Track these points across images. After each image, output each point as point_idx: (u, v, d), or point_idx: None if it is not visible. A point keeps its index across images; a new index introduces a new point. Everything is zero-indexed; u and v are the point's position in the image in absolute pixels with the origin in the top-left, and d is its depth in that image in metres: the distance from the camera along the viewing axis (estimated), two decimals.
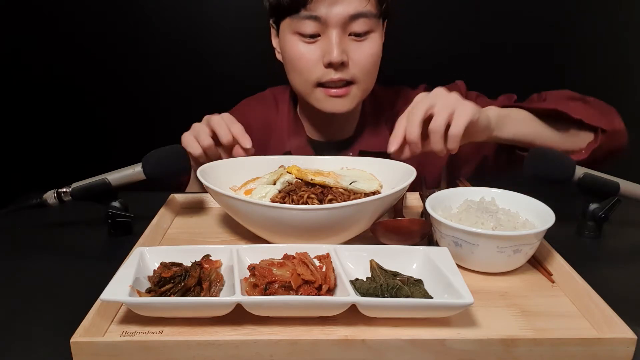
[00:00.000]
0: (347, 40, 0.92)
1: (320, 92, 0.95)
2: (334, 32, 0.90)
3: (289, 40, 0.94)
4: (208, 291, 0.59)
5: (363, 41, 0.93)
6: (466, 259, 0.67)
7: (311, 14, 0.89)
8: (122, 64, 1.49)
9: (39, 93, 1.50)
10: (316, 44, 0.92)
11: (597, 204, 0.81)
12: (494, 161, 1.04)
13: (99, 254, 0.80)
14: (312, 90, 0.96)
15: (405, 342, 0.52)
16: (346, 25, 0.90)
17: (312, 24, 0.90)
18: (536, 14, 1.44)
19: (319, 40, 0.92)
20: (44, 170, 1.45)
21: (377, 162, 0.85)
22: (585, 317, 0.59)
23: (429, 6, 1.43)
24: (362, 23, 0.91)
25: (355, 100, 0.98)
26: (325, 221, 0.68)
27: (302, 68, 0.94)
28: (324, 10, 0.88)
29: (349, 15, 0.89)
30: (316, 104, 0.97)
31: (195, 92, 1.51)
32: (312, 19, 0.90)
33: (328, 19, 0.89)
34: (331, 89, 0.94)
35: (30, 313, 0.62)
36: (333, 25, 0.89)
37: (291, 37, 0.93)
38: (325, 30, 0.91)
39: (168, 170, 0.82)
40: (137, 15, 1.45)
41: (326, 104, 0.96)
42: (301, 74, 0.95)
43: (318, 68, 0.93)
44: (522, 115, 0.89)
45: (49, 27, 1.44)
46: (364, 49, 0.93)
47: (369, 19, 0.91)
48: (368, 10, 0.90)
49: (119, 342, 0.52)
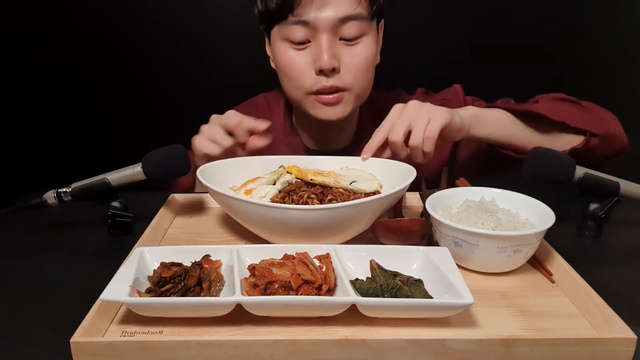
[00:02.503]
0: (338, 45, 0.90)
1: (313, 100, 0.94)
2: (323, 36, 0.88)
3: (279, 48, 0.92)
4: (208, 291, 0.59)
5: (355, 45, 0.91)
6: (466, 259, 0.67)
7: (299, 19, 0.88)
8: (123, 64, 1.49)
9: (39, 93, 1.50)
10: (306, 51, 0.91)
11: (597, 204, 0.81)
12: (488, 163, 1.04)
13: (99, 254, 0.80)
14: (305, 97, 0.94)
15: (405, 342, 0.52)
16: (336, 29, 0.89)
17: (301, 29, 0.88)
18: (535, 17, 1.45)
19: (309, 46, 0.90)
20: (44, 170, 1.45)
21: (377, 162, 0.85)
22: (585, 317, 0.59)
23: (429, 8, 1.43)
24: (353, 26, 0.89)
25: (350, 107, 0.96)
26: (325, 221, 0.68)
27: (294, 75, 0.92)
28: (312, 15, 0.87)
29: (338, 18, 0.87)
30: (310, 111, 0.96)
31: (196, 92, 1.51)
32: (300, 24, 0.88)
33: (317, 24, 0.87)
34: (323, 96, 0.92)
35: (30, 313, 0.62)
36: (322, 30, 0.88)
37: (281, 44, 0.92)
38: (315, 35, 0.89)
39: (168, 170, 0.82)
40: (137, 15, 1.45)
41: (320, 111, 0.94)
42: (293, 82, 0.94)
43: (309, 75, 0.91)
44: (500, 115, 0.91)
45: (49, 27, 1.45)
46: (355, 53, 0.91)
47: (360, 22, 0.89)
48: (358, 12, 0.89)
49: (118, 342, 0.52)
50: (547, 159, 0.79)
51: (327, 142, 1.07)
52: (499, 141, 0.92)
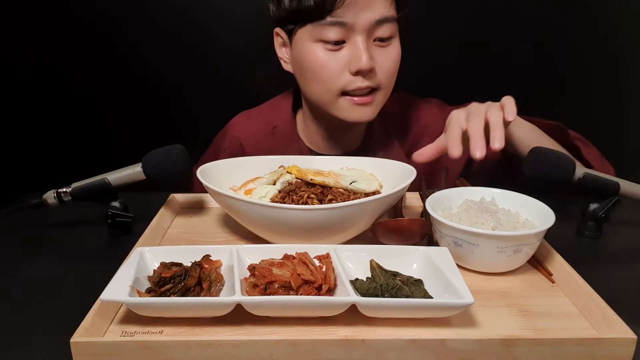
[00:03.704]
0: (372, 46, 0.90)
1: (344, 101, 0.92)
2: (360, 38, 0.87)
3: (309, 48, 0.90)
4: (208, 291, 0.59)
5: (387, 46, 0.91)
6: (466, 259, 0.67)
7: (337, 20, 0.86)
8: (123, 64, 1.49)
9: (39, 93, 1.50)
10: (341, 51, 0.89)
11: (597, 204, 0.81)
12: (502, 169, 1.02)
13: (99, 254, 0.80)
14: (335, 99, 0.92)
15: (405, 342, 0.52)
16: (371, 31, 0.88)
17: (338, 30, 0.87)
18: (535, 18, 1.44)
19: (344, 47, 0.89)
20: (44, 170, 1.45)
21: (377, 162, 0.85)
22: (585, 317, 0.59)
23: (429, 10, 1.43)
24: (387, 28, 0.89)
25: (379, 108, 0.95)
26: (325, 221, 0.68)
27: (326, 77, 0.90)
28: (351, 16, 0.86)
29: (374, 20, 0.87)
30: (339, 113, 0.94)
31: (196, 92, 1.51)
32: (338, 25, 0.86)
33: (355, 25, 0.86)
34: (355, 97, 0.91)
35: (30, 313, 0.62)
36: (359, 32, 0.87)
37: (312, 45, 0.89)
38: (350, 36, 0.88)
39: (168, 170, 0.81)
40: (138, 14, 1.45)
41: (350, 113, 0.93)
42: (324, 83, 0.91)
43: (343, 76, 0.90)
44: (529, 125, 0.92)
45: (49, 27, 1.44)
46: (388, 54, 0.91)
47: (392, 24, 0.90)
48: (391, 14, 0.89)
49: (118, 342, 0.52)
50: (547, 159, 0.79)
51: (335, 146, 1.05)
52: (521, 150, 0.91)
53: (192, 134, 0.89)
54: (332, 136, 1.05)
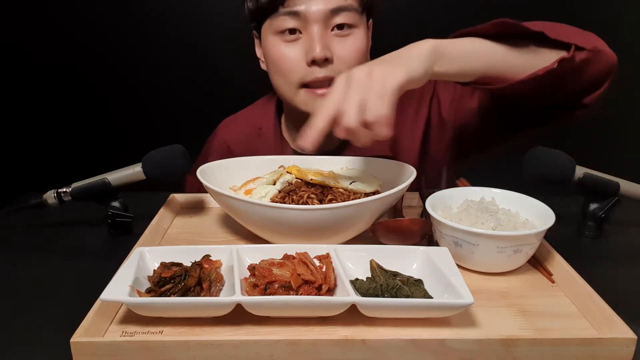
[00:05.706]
0: (330, 36, 0.90)
1: (305, 94, 0.92)
2: (315, 27, 0.88)
3: (270, 43, 0.92)
4: (208, 291, 0.59)
5: (347, 36, 0.91)
6: (466, 259, 0.67)
7: (290, 10, 0.88)
8: (123, 65, 1.49)
9: (39, 93, 1.50)
10: (298, 43, 0.90)
11: (597, 204, 0.81)
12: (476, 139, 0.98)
13: (99, 254, 0.80)
14: (296, 92, 0.93)
15: (405, 342, 0.52)
16: (328, 21, 0.89)
17: (292, 20, 0.89)
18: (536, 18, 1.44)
19: (300, 38, 0.90)
20: (44, 170, 1.45)
21: (377, 162, 0.85)
22: (585, 317, 0.59)
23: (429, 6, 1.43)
24: (344, 17, 0.89)
25: None
26: (325, 221, 0.68)
27: (285, 69, 0.92)
28: (303, 6, 0.87)
29: (329, 10, 0.87)
30: (302, 106, 0.94)
31: (197, 92, 1.51)
32: (291, 15, 0.88)
33: (308, 15, 0.87)
34: (317, 89, 0.91)
35: (30, 313, 0.62)
36: (314, 21, 0.88)
37: (272, 38, 0.92)
38: (306, 26, 0.89)
39: (168, 170, 0.82)
40: (138, 15, 1.45)
41: (312, 105, 0.91)
42: (284, 75, 0.92)
43: (301, 67, 0.90)
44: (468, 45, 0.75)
45: (50, 27, 1.44)
46: (348, 44, 0.91)
47: (351, 13, 0.90)
48: (349, 4, 0.89)
49: (118, 342, 0.52)
50: (547, 159, 0.79)
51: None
52: (472, 74, 0.76)
53: (192, 134, 0.89)
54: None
